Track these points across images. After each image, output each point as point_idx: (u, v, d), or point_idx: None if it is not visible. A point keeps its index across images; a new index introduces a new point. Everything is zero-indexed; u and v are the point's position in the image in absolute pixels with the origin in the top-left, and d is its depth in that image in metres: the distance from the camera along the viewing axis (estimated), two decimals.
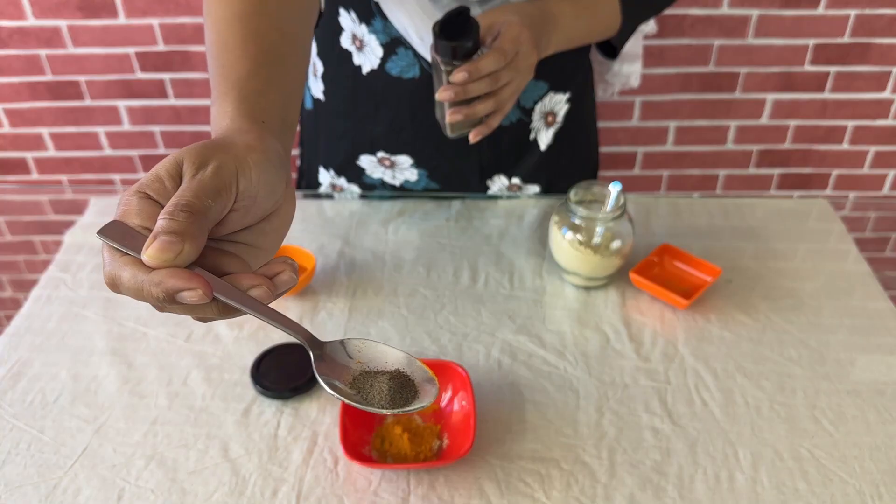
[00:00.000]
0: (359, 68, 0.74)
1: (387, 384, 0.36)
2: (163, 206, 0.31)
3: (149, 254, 0.30)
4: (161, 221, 0.30)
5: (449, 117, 0.61)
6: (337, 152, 0.82)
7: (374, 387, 0.36)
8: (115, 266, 0.31)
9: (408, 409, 0.35)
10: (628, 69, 0.84)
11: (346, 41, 0.73)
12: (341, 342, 0.36)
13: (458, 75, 0.57)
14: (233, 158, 0.34)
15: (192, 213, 0.31)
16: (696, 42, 1.23)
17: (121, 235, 0.31)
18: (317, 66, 0.78)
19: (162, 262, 0.30)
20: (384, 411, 0.35)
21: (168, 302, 0.31)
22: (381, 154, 0.79)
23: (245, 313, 0.32)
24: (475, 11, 0.65)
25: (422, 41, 0.68)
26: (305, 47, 0.50)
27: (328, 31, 0.74)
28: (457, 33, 0.58)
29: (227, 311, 0.32)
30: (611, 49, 0.77)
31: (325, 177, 0.84)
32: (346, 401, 0.34)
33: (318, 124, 0.83)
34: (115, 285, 0.31)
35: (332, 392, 0.34)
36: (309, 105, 0.84)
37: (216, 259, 0.33)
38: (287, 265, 0.33)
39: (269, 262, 0.34)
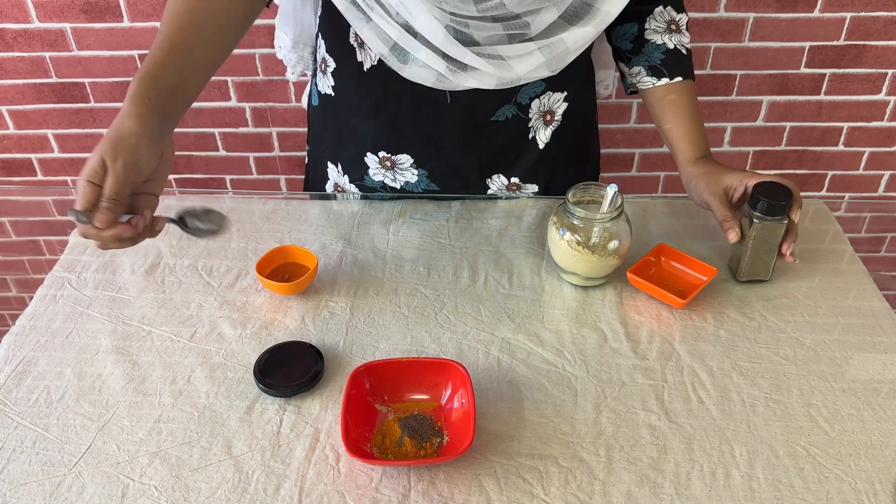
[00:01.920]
0: (361, 65, 0.75)
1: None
2: (100, 187, 0.54)
3: (99, 223, 0.54)
4: (102, 207, 0.54)
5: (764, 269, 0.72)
6: (347, 147, 0.83)
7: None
8: (85, 229, 0.55)
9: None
10: (601, 75, 0.87)
11: (351, 37, 0.75)
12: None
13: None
14: (130, 151, 0.55)
15: (116, 200, 0.54)
16: (692, 45, 1.24)
17: (83, 213, 0.54)
18: (328, 61, 0.79)
19: (106, 226, 0.54)
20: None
21: (113, 242, 0.56)
22: (382, 154, 0.80)
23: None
24: (470, 9, 0.66)
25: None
26: (219, 35, 0.65)
27: (337, 28, 0.75)
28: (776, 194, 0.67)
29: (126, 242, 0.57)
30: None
31: (333, 172, 0.86)
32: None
33: (325, 120, 0.84)
34: (86, 237, 0.55)
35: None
36: (315, 102, 0.85)
37: (137, 202, 0.57)
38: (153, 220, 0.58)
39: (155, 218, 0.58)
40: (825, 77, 1.27)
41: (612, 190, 0.67)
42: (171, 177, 1.41)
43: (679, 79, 0.77)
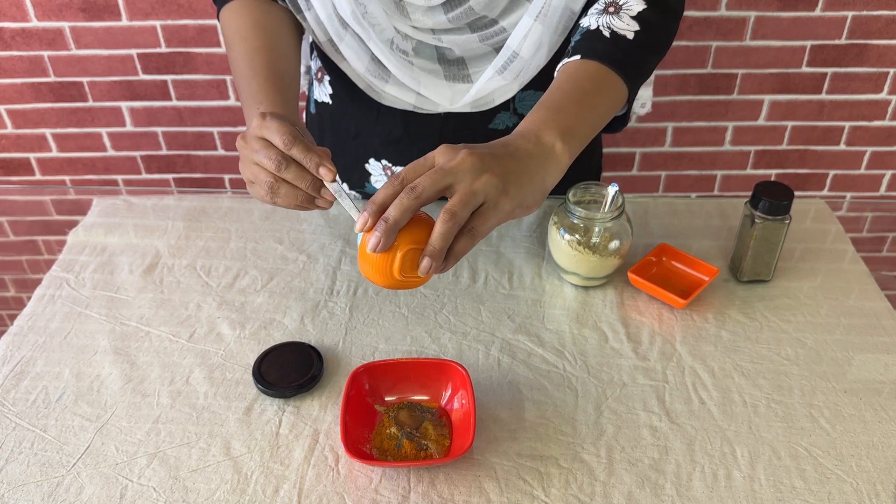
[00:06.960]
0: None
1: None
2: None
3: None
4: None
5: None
6: (347, 153, 0.83)
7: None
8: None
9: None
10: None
11: None
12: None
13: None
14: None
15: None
16: (693, 44, 1.24)
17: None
18: (324, 70, 0.80)
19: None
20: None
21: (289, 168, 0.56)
22: (384, 161, 0.81)
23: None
24: (440, 20, 0.67)
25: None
26: (296, 58, 0.72)
27: None
28: None
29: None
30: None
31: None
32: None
33: (322, 128, 0.84)
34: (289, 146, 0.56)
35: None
36: (312, 110, 0.85)
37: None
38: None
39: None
40: (826, 76, 1.27)
41: (613, 189, 0.67)
42: (169, 176, 1.41)
43: (577, 57, 0.62)
